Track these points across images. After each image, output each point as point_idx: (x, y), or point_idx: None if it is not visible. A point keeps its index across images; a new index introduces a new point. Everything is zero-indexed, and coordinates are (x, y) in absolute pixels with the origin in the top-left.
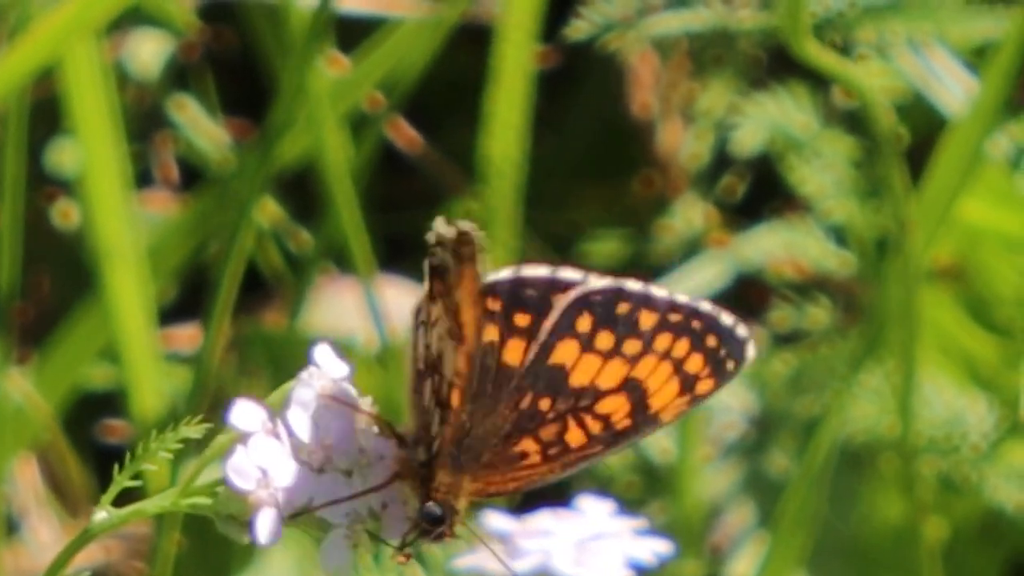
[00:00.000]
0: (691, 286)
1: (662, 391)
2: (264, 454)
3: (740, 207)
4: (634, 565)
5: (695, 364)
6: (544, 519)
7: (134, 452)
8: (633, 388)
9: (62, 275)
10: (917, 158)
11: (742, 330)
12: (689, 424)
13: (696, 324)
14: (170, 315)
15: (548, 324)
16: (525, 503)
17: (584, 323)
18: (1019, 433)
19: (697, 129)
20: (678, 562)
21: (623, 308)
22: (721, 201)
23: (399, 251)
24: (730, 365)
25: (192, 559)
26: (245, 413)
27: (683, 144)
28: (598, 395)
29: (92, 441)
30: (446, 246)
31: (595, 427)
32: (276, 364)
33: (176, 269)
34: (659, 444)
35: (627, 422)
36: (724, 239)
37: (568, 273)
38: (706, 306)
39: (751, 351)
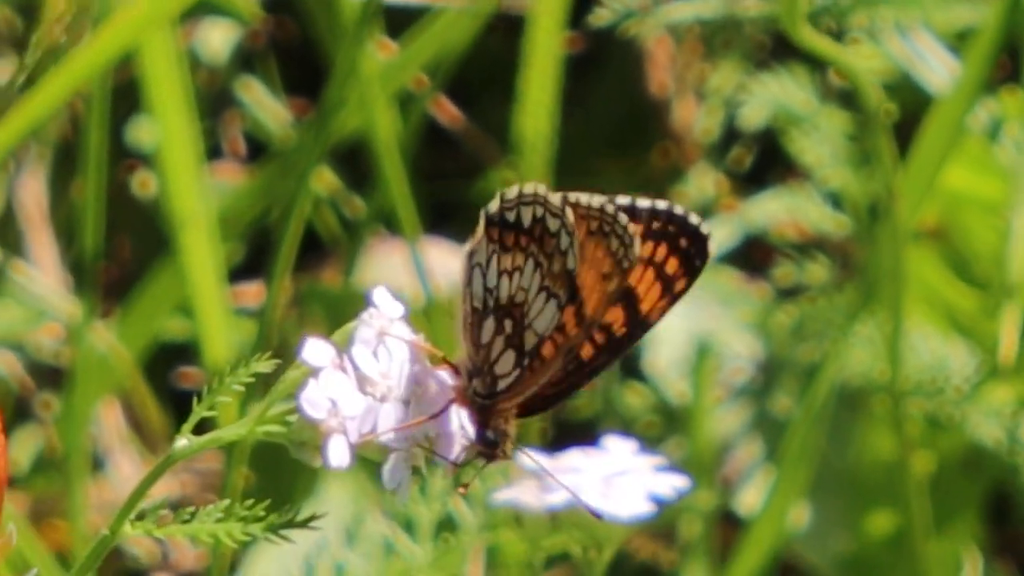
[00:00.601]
0: None
1: (648, 295)
2: (333, 386)
3: (747, 175)
4: (655, 498)
5: (672, 266)
6: (573, 457)
7: (208, 391)
8: (627, 296)
9: (141, 239)
10: (905, 132)
11: (706, 228)
12: (702, 369)
13: (671, 228)
14: (238, 274)
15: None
16: (556, 442)
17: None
18: (998, 376)
19: (708, 106)
20: (692, 494)
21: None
22: (730, 170)
23: (442, 216)
24: (698, 263)
25: (258, 492)
26: (315, 350)
27: (696, 119)
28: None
29: (169, 387)
30: (564, 217)
31: (600, 339)
32: (332, 317)
33: (243, 232)
34: (676, 387)
35: (624, 330)
36: (733, 204)
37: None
38: (679, 209)
39: (713, 248)
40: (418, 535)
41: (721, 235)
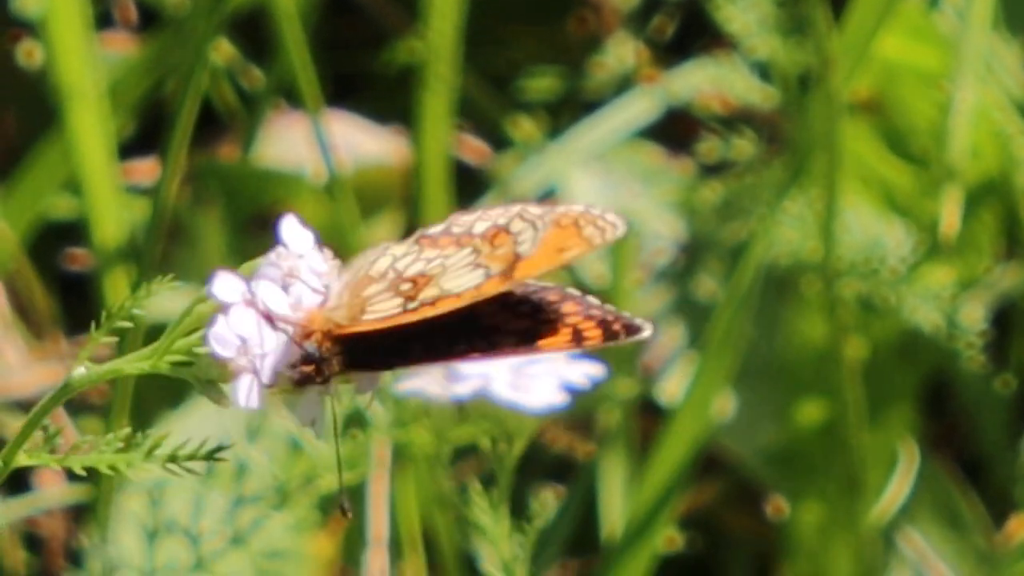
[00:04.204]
0: (623, 120)
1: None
2: (243, 324)
3: (669, 45)
4: (568, 387)
5: (593, 335)
6: None
7: (96, 279)
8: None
9: (26, 112)
10: None
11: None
12: (621, 250)
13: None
14: (129, 149)
15: None
16: None
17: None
18: (935, 257)
19: None
20: (611, 382)
21: None
22: (651, 39)
23: (346, 88)
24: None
25: (153, 383)
26: (225, 285)
27: None
28: None
29: (56, 268)
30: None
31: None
32: (229, 194)
33: (135, 106)
34: (593, 269)
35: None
36: (654, 75)
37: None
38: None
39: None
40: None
41: (642, 108)
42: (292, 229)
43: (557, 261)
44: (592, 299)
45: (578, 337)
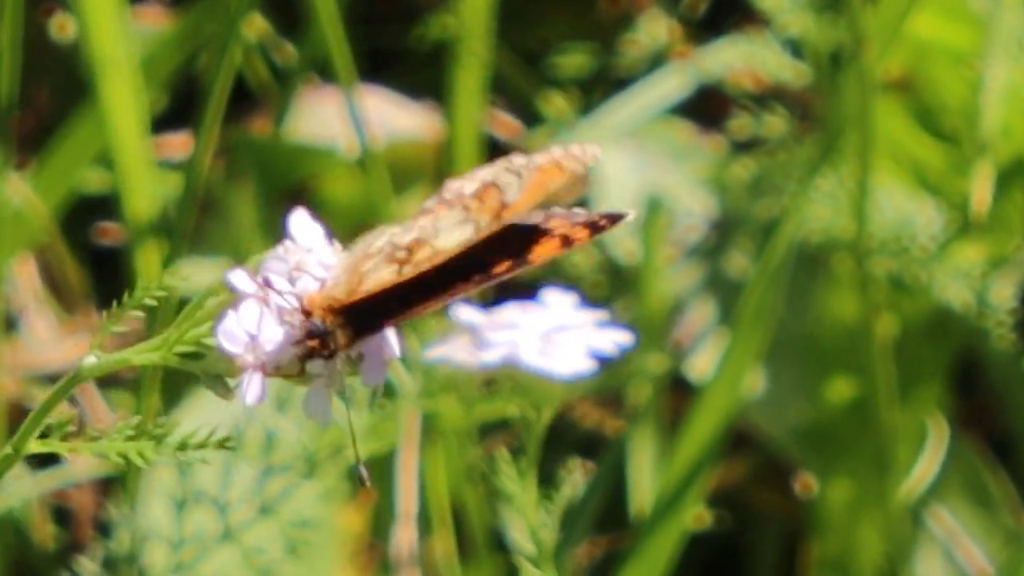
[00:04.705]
0: (655, 97)
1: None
2: (252, 319)
3: (702, 22)
4: (596, 355)
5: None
6: (510, 312)
7: (128, 254)
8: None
9: (59, 86)
10: None
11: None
12: (653, 227)
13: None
14: (162, 123)
15: None
16: (492, 297)
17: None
18: (965, 235)
19: None
20: (642, 357)
21: None
22: (684, 16)
23: (379, 63)
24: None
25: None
26: (236, 279)
27: None
28: None
29: (87, 243)
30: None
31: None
32: (262, 169)
33: (168, 80)
34: (624, 246)
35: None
36: (686, 52)
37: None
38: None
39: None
40: (353, 402)
41: (673, 85)
42: (301, 223)
43: (542, 195)
44: (577, 210)
45: (567, 241)
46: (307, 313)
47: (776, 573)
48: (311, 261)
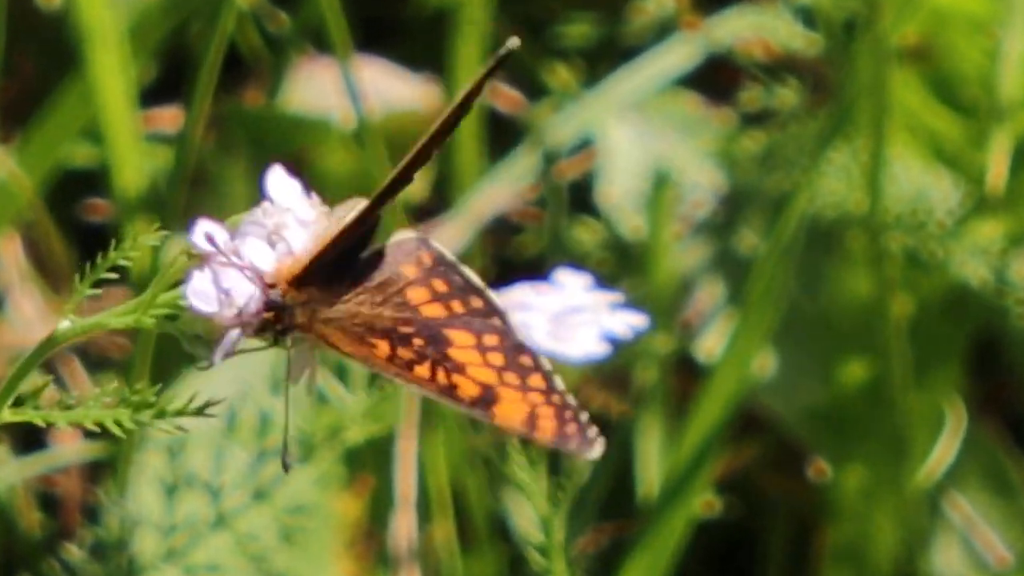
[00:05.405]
0: (662, 68)
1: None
2: (221, 277)
3: None
4: (609, 338)
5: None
6: (522, 292)
7: (116, 230)
8: None
9: (45, 55)
10: None
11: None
12: (660, 202)
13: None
14: (152, 95)
15: None
16: (503, 278)
17: None
18: (983, 210)
19: None
20: (650, 337)
21: None
22: None
23: (376, 33)
24: None
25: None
26: (203, 235)
27: None
28: None
29: (75, 219)
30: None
31: None
32: (255, 142)
33: (157, 49)
34: (630, 222)
35: None
36: (695, 21)
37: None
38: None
39: None
40: (351, 383)
41: (681, 56)
42: (278, 181)
43: None
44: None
45: None
46: (271, 284)
47: (788, 561)
48: (290, 221)
